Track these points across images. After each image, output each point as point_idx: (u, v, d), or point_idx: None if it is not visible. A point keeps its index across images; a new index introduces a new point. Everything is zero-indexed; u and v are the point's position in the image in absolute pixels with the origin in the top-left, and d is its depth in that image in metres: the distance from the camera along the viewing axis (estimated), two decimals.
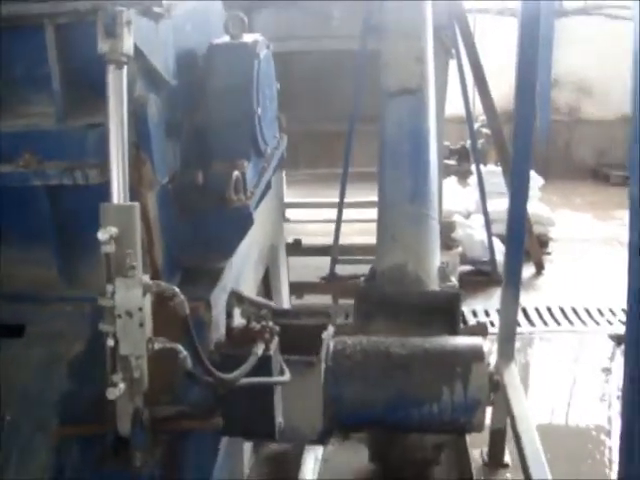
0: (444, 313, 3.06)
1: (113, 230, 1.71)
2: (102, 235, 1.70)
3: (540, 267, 6.99)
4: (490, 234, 6.36)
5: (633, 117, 2.65)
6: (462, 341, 2.79)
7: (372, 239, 3.49)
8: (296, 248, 5.80)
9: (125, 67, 1.80)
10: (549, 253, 7.47)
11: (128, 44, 1.78)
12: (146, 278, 1.74)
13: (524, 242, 4.88)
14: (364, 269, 3.45)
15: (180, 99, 2.21)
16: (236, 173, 2.16)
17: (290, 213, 6.79)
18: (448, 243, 5.68)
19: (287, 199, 6.37)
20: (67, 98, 2.04)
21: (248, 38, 2.36)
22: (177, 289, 1.79)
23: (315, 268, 6.03)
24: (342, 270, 5.85)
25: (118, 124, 1.80)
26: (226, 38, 2.39)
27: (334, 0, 5.35)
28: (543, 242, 7.37)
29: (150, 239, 2.05)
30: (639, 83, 2.51)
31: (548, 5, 10.95)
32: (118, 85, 1.79)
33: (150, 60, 2.00)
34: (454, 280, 3.33)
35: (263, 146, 2.38)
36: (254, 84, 2.25)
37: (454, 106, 6.02)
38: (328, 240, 5.95)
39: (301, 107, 4.96)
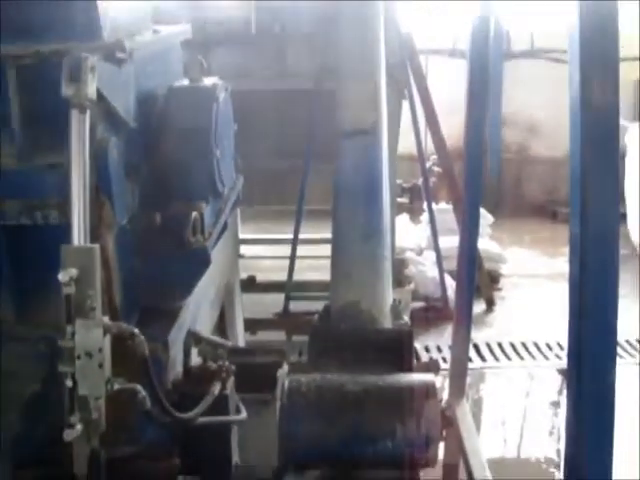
0: (397, 351, 3.12)
1: (73, 272, 1.73)
2: (63, 277, 1.72)
3: (491, 303, 7.11)
4: (442, 271, 6.47)
5: (572, 159, 2.78)
6: (414, 378, 2.85)
7: (326, 275, 3.54)
8: (250, 284, 5.82)
9: (88, 111, 1.84)
10: (500, 289, 7.61)
11: (92, 89, 1.82)
12: (106, 319, 1.77)
13: (475, 279, 5.00)
14: (318, 306, 3.50)
15: (140, 141, 2.25)
16: (194, 214, 2.20)
17: (245, 249, 6.81)
18: (400, 280, 5.76)
19: (242, 235, 6.40)
20: (27, 138, 2.07)
21: (207, 81, 2.42)
22: (136, 330, 1.82)
23: (269, 304, 6.05)
24: (296, 306, 5.88)
25: (80, 167, 1.83)
26: (185, 81, 2.45)
27: (290, 40, 5.48)
28: (494, 278, 7.51)
29: (108, 279, 2.07)
30: (579, 126, 2.64)
31: (496, 48, 11.31)
32: (81, 129, 1.83)
33: (112, 104, 2.04)
34: (406, 318, 3.40)
35: (221, 187, 2.43)
36: (212, 127, 2.31)
37: (406, 144, 6.16)
38: (282, 276, 5.98)
39: (256, 144, 5.02)
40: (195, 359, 2.31)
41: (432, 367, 3.54)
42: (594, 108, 2.64)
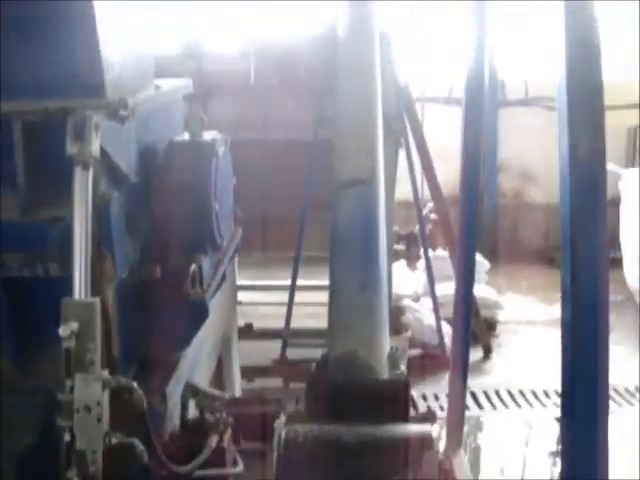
0: (394, 401, 3.12)
1: (74, 325, 1.75)
2: (63, 331, 1.74)
3: (488, 350, 7.11)
4: (438, 318, 6.49)
5: (562, 207, 2.83)
6: (411, 429, 2.85)
7: (324, 323, 3.56)
8: (248, 332, 5.82)
9: (91, 168, 1.88)
10: (497, 336, 7.61)
11: (95, 147, 1.86)
12: (105, 373, 1.78)
13: (471, 326, 5.01)
14: (316, 353, 3.51)
15: (140, 195, 2.30)
16: (193, 267, 2.23)
17: (242, 295, 6.83)
18: (397, 327, 5.78)
19: (239, 281, 6.42)
20: (31, 191, 2.11)
21: (207, 136, 2.47)
22: (135, 384, 1.83)
23: (266, 351, 6.04)
24: (293, 354, 5.88)
25: (82, 221, 1.87)
26: (186, 135, 2.50)
27: (288, 91, 5.57)
28: (491, 325, 7.52)
29: (108, 332, 2.09)
30: (568, 175, 2.69)
31: (492, 96, 11.49)
32: (84, 185, 1.87)
33: (114, 159, 2.08)
34: (403, 367, 3.41)
35: (219, 240, 2.47)
36: (212, 181, 2.35)
37: (403, 191, 6.23)
38: (280, 323, 5.99)
39: (254, 193, 5.08)
40: (193, 411, 2.32)
41: (429, 417, 3.55)
42: (581, 156, 2.71)
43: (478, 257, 6.96)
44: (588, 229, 2.76)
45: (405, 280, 7.48)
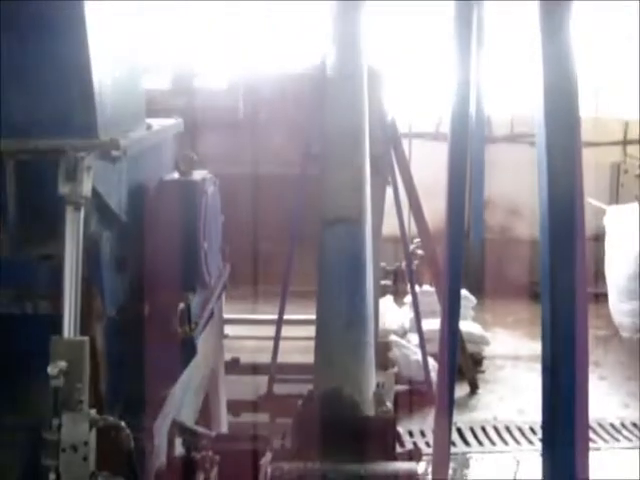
0: (380, 438, 3.13)
1: (63, 364, 1.77)
2: (52, 370, 1.75)
3: (474, 386, 7.11)
4: (425, 354, 6.50)
5: (542, 245, 2.88)
6: (397, 467, 2.86)
7: (310, 358, 3.58)
8: (234, 366, 5.81)
9: (83, 208, 1.91)
10: (483, 371, 7.62)
11: (87, 187, 1.89)
12: (93, 412, 1.79)
13: (457, 361, 5.03)
14: (302, 388, 3.52)
15: (130, 233, 2.32)
16: (182, 306, 2.25)
17: (229, 329, 6.82)
18: (384, 363, 5.79)
19: (226, 315, 6.42)
20: (22, 229, 2.13)
21: (197, 175, 2.50)
22: (123, 423, 1.84)
23: (253, 385, 6.02)
24: (280, 389, 5.86)
25: (73, 261, 1.89)
26: (176, 174, 2.53)
27: (276, 127, 5.64)
28: (477, 361, 7.53)
29: (95, 370, 2.10)
30: (546, 212, 2.75)
31: (478, 132, 11.63)
32: (75, 225, 1.89)
33: (105, 199, 2.11)
34: (389, 404, 3.42)
35: (208, 278, 2.49)
36: (201, 220, 2.38)
37: (389, 225, 6.27)
38: (266, 357, 5.98)
39: (242, 227, 5.11)
40: (179, 449, 2.33)
41: (415, 455, 3.56)
42: (559, 191, 2.77)
43: (464, 292, 7.01)
44: (566, 261, 2.82)
45: (392, 315, 7.50)
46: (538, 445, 5.94)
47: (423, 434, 6.08)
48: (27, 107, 2.17)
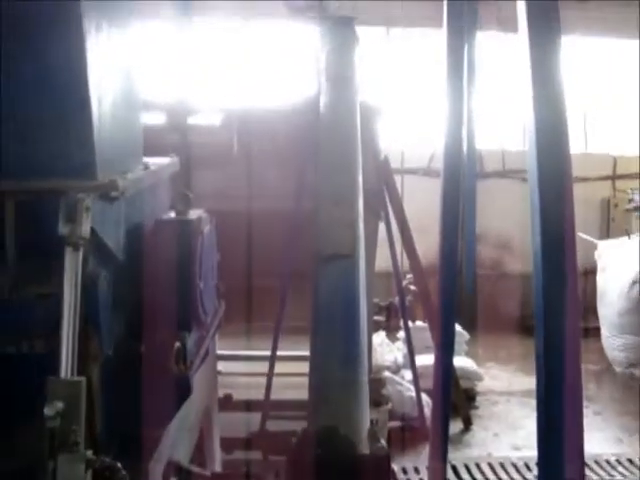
0: (374, 476, 3.11)
1: (59, 405, 1.77)
2: (48, 411, 1.75)
3: (468, 422, 7.09)
4: (418, 390, 6.48)
5: (535, 280, 2.91)
6: None
7: (304, 394, 3.57)
8: (227, 403, 5.77)
9: (81, 248, 1.93)
10: (477, 407, 7.60)
11: (86, 228, 1.91)
12: (89, 453, 1.79)
13: (450, 397, 5.03)
14: (296, 425, 3.50)
15: (127, 272, 2.34)
16: (177, 344, 2.26)
17: (222, 365, 6.79)
18: (377, 400, 5.77)
19: (219, 351, 6.40)
20: (20, 269, 2.14)
21: (193, 214, 2.53)
22: (118, 464, 1.84)
23: (246, 422, 5.98)
24: (273, 426, 5.83)
25: (71, 302, 1.90)
26: (172, 213, 2.56)
27: (270, 163, 5.69)
28: (470, 396, 7.52)
29: (91, 410, 2.10)
30: (539, 247, 2.78)
31: (470, 168, 11.73)
32: (74, 265, 1.91)
33: (103, 239, 2.13)
34: (383, 442, 3.41)
35: (203, 317, 2.51)
36: (197, 260, 2.40)
37: (382, 260, 6.30)
38: (259, 394, 5.95)
39: (236, 262, 5.13)
40: None
41: None
42: (550, 225, 2.80)
43: (457, 328, 7.01)
44: (559, 295, 2.84)
45: (385, 351, 7.50)
46: None
47: (417, 471, 6.04)
48: (26, 147, 2.20)
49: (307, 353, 3.56)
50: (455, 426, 6.72)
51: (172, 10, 11.54)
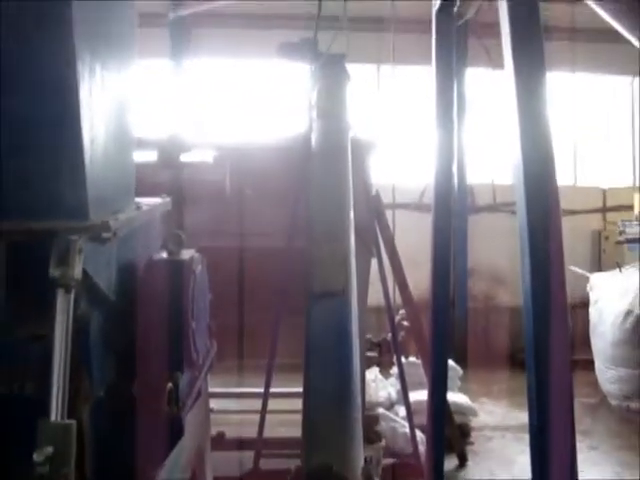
0: None
1: (49, 450, 1.75)
2: (38, 456, 1.73)
3: (463, 458, 7.05)
4: (412, 426, 6.44)
5: (525, 314, 2.91)
6: None
7: (297, 431, 3.55)
8: (220, 441, 5.73)
9: (73, 290, 1.92)
10: (472, 443, 7.56)
11: (78, 270, 1.91)
12: None
13: (444, 433, 5.00)
14: (289, 463, 3.47)
15: (119, 313, 2.33)
16: (169, 385, 2.25)
17: (214, 402, 6.75)
18: (371, 436, 5.73)
19: (211, 389, 6.35)
20: (10, 310, 2.13)
21: (185, 254, 2.53)
22: None
23: (239, 461, 5.93)
24: (267, 464, 5.78)
25: (62, 344, 1.89)
26: (164, 253, 2.56)
27: (261, 202, 5.71)
28: (465, 432, 7.48)
29: (81, 452, 2.08)
30: (529, 280, 2.79)
31: (461, 202, 11.81)
32: (65, 307, 1.90)
33: (95, 280, 2.13)
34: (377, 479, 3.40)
35: (195, 357, 2.49)
36: (189, 300, 2.40)
37: (374, 295, 6.30)
38: (252, 431, 5.91)
39: (227, 299, 5.12)
40: None
41: None
42: (539, 258, 2.82)
43: (450, 363, 7.00)
44: (549, 329, 2.85)
45: (378, 387, 7.47)
46: None
47: None
48: (18, 188, 2.20)
49: (300, 390, 3.55)
50: (450, 462, 6.68)
51: (167, 49, 11.69)
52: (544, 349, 2.88)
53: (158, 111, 11.07)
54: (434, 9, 4.67)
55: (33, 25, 2.07)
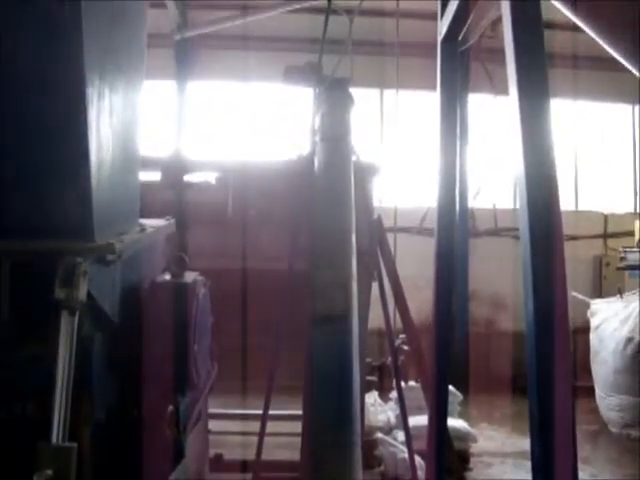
0: None
1: (49, 473, 1.74)
2: (38, 478, 1.72)
3: None
4: (411, 452, 6.39)
5: (528, 340, 2.90)
6: None
7: (295, 453, 3.54)
8: (217, 463, 5.70)
9: (77, 312, 1.93)
10: (471, 469, 7.49)
11: (82, 292, 1.91)
12: None
13: (444, 460, 4.96)
14: None
15: (122, 334, 2.33)
16: (171, 408, 2.25)
17: (212, 424, 6.71)
18: (370, 461, 5.69)
19: (210, 410, 6.33)
20: (14, 330, 2.14)
21: (188, 277, 2.53)
22: None
23: None
24: None
25: (65, 365, 1.89)
26: (167, 275, 2.56)
27: (263, 224, 5.71)
28: (464, 458, 7.42)
29: (81, 475, 2.07)
30: (531, 306, 2.79)
31: (462, 226, 11.82)
32: (69, 329, 1.91)
33: (99, 301, 2.13)
34: None
35: (197, 379, 2.49)
36: (192, 322, 2.40)
37: (374, 320, 6.28)
38: (250, 453, 5.86)
39: (227, 321, 5.10)
40: None
41: None
42: (542, 284, 2.82)
43: (450, 388, 6.96)
44: (551, 355, 2.84)
45: (378, 411, 7.42)
46: None
47: None
48: (24, 208, 2.21)
49: (299, 412, 3.54)
50: None
51: (172, 71, 11.77)
52: (547, 375, 2.88)
53: (162, 132, 11.13)
54: (440, 37, 4.70)
55: (44, 47, 2.09)
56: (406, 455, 6.49)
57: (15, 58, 2.06)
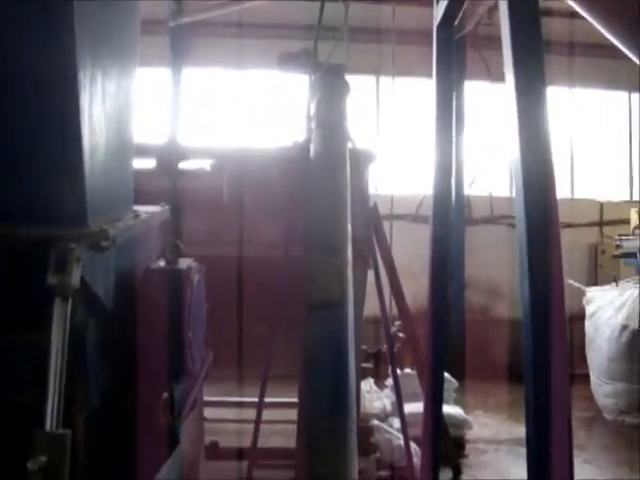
0: None
1: (43, 460, 1.73)
2: (32, 465, 1.72)
3: (457, 471, 7.02)
4: (407, 438, 6.40)
5: (524, 327, 2.90)
6: None
7: (291, 441, 3.53)
8: (213, 451, 5.70)
9: (70, 298, 1.91)
10: (466, 456, 7.52)
11: (76, 278, 1.90)
12: None
13: (440, 446, 4.97)
14: (283, 474, 3.47)
15: (116, 321, 2.32)
16: (165, 395, 2.24)
17: (208, 412, 6.71)
18: (366, 448, 5.70)
19: (205, 397, 6.33)
20: (6, 316, 2.12)
21: (182, 264, 2.52)
22: None
23: (232, 471, 5.89)
24: (260, 475, 5.74)
25: (59, 352, 1.88)
26: (162, 262, 2.55)
27: (259, 210, 5.70)
28: (459, 445, 7.44)
29: (75, 461, 2.06)
30: (527, 293, 2.78)
31: (458, 214, 11.82)
32: (63, 315, 1.89)
33: (92, 288, 2.12)
34: None
35: (191, 366, 2.49)
36: (186, 309, 2.39)
37: (370, 305, 6.28)
38: (246, 441, 5.87)
39: (223, 308, 5.10)
40: None
41: None
42: (538, 272, 2.82)
43: (446, 375, 6.97)
44: (547, 342, 2.84)
45: (373, 399, 7.44)
46: None
47: None
48: (18, 194, 2.19)
49: (295, 400, 3.53)
50: (444, 475, 6.64)
51: (167, 58, 11.70)
52: (543, 362, 2.88)
53: (157, 119, 11.08)
54: (435, 23, 4.68)
55: (36, 32, 2.07)
56: (402, 442, 6.50)
57: (5, 42, 2.04)
